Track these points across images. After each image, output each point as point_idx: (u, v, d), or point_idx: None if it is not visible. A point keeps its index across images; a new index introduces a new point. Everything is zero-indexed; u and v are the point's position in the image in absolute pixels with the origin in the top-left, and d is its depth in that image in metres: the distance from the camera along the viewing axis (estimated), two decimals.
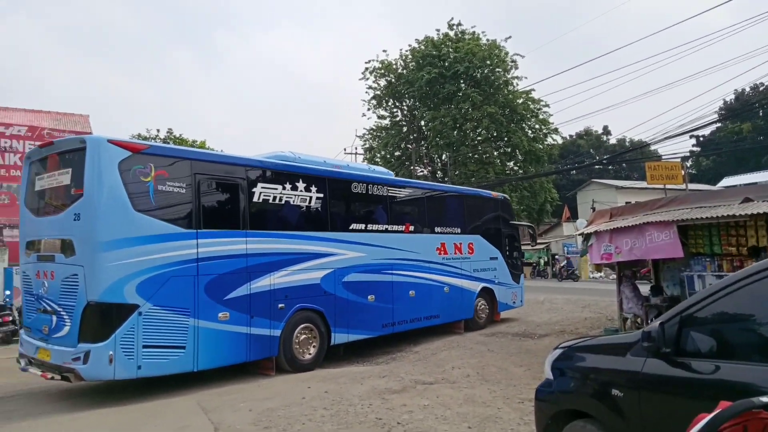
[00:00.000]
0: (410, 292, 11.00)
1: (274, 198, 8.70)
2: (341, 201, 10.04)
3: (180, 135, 23.38)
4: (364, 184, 10.37)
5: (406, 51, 38.88)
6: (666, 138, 26.99)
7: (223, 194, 8.23)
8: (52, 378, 7.12)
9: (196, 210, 7.64)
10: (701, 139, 50.13)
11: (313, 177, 9.34)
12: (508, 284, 13.96)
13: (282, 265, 8.65)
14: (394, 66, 39.44)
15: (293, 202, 8.99)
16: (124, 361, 6.74)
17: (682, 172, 25.67)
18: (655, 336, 2.84)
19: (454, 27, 38.09)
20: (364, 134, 41.90)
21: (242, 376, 8.74)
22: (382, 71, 39.57)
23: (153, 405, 7.02)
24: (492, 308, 13.47)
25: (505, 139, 36.45)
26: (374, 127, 41.73)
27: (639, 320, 9.92)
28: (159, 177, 7.25)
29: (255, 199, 8.41)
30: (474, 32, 37.71)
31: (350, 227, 9.95)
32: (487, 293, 13.22)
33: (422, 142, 39.14)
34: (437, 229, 11.99)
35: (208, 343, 7.58)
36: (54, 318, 7.13)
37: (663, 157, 32.03)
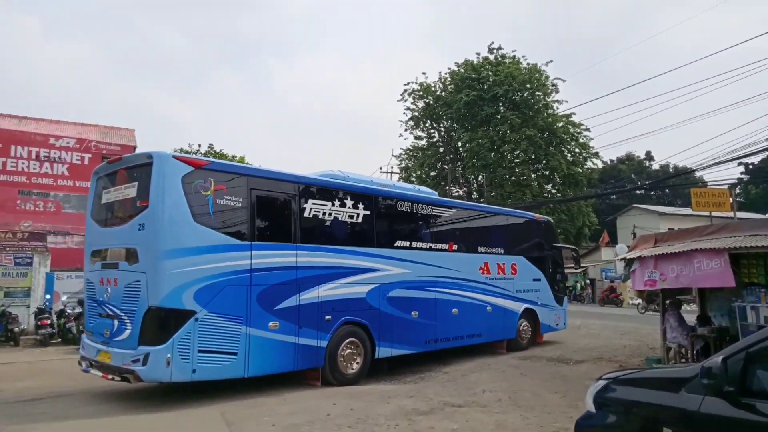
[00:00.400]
0: (453, 310, 11.10)
1: (324, 214, 9.01)
2: (387, 218, 10.35)
3: (221, 150, 23.87)
4: (410, 203, 10.65)
5: (445, 74, 38.92)
6: (714, 164, 25.99)
7: (276, 209, 8.56)
8: (113, 379, 7.42)
9: (250, 223, 7.97)
10: (750, 166, 48.18)
11: (361, 195, 9.66)
12: (551, 306, 13.93)
13: (330, 278, 8.90)
14: (433, 88, 39.50)
15: (341, 218, 9.28)
16: (180, 364, 6.99)
17: (731, 200, 24.55)
18: (717, 372, 2.54)
19: (495, 51, 37.94)
20: (400, 154, 41.86)
21: (268, 388, 8.62)
22: (421, 93, 39.68)
23: (175, 414, 6.96)
24: (535, 330, 13.45)
25: (544, 162, 35.82)
26: (411, 148, 41.69)
27: (684, 350, 9.38)
28: (218, 191, 7.63)
29: (306, 214, 8.73)
30: (514, 56, 37.47)
31: (395, 244, 10.18)
32: (530, 314, 13.22)
33: (458, 163, 38.85)
34: (480, 249, 12.15)
35: (258, 350, 7.83)
36: (116, 322, 7.49)
37: (709, 184, 30.84)
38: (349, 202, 9.36)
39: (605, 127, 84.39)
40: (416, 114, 40.39)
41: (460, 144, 38.42)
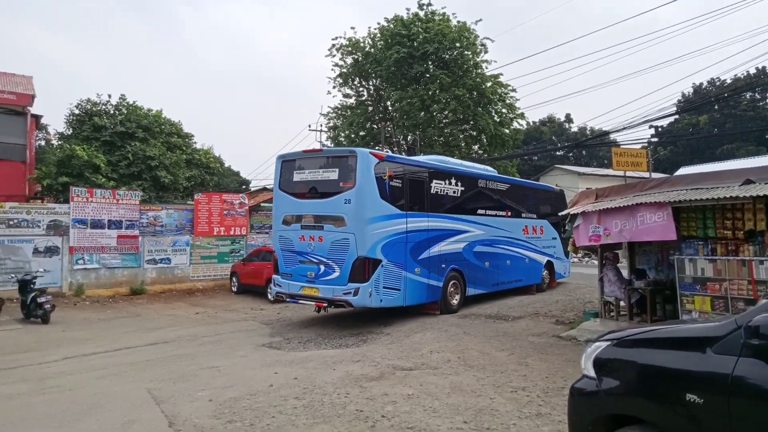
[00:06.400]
0: (507, 261, 14.29)
1: (440, 190, 12.02)
2: (471, 192, 13.22)
3: (134, 102, 21.80)
4: (484, 180, 13.91)
5: (375, 29, 37.59)
6: (628, 127, 27.23)
7: (417, 187, 11.36)
8: (326, 306, 10.69)
9: (405, 198, 10.86)
10: (659, 129, 51.19)
11: (457, 174, 12.72)
12: (561, 259, 17.41)
13: (444, 237, 11.88)
14: (362, 44, 38.17)
15: (448, 193, 12.29)
16: (375, 296, 10.00)
17: (647, 160, 25.80)
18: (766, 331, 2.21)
19: (425, 6, 37.06)
20: (328, 112, 40.49)
21: (200, 359, 7.92)
22: (350, 49, 38.19)
23: (95, 393, 6.14)
24: (551, 277, 16.70)
25: (471, 122, 35.91)
26: (339, 106, 40.40)
27: (622, 303, 9.58)
28: (390, 176, 10.49)
29: (431, 190, 11.73)
30: (444, 13, 36.82)
31: (477, 212, 13.21)
32: (549, 265, 16.52)
33: (388, 123, 38.24)
34: (522, 215, 15.31)
35: (410, 288, 10.81)
36: (321, 267, 10.35)
37: (622, 146, 32.36)
38: (453, 181, 12.40)
39: (527, 89, 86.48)
40: (345, 71, 39.01)
41: (389, 103, 37.70)
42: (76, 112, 20.90)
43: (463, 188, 12.70)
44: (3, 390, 6.50)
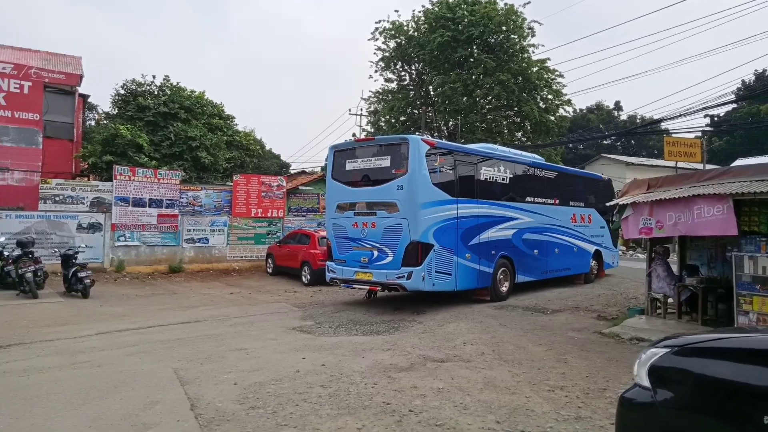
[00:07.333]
0: (556, 249, 14.22)
1: (489, 177, 12.05)
2: (520, 180, 13.16)
3: (177, 83, 22.02)
4: (532, 168, 13.88)
5: (419, 12, 36.89)
6: (682, 115, 25.83)
7: (467, 174, 11.40)
8: (381, 290, 11.18)
9: (456, 185, 10.93)
10: (715, 118, 48.60)
11: (506, 162, 12.73)
12: (610, 248, 17.16)
13: (493, 224, 11.90)
14: (406, 28, 37.50)
15: (497, 180, 12.33)
16: (428, 279, 10.10)
17: (701, 150, 24.48)
18: None
19: None
20: (369, 97, 40.15)
21: (230, 341, 7.85)
22: (393, 32, 37.61)
23: (122, 371, 6.12)
24: (599, 266, 16.56)
25: (516, 108, 34.88)
26: (380, 90, 39.97)
27: (670, 300, 9.00)
28: (441, 163, 10.63)
29: (480, 177, 11.76)
30: None
31: (525, 199, 13.16)
32: (597, 254, 16.36)
33: (429, 108, 37.59)
34: (570, 203, 15.17)
35: (461, 273, 10.91)
36: (375, 252, 10.55)
37: (673, 135, 30.81)
38: (502, 168, 12.44)
39: (576, 73, 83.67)
40: (387, 54, 38.48)
41: (431, 88, 37.02)
42: (122, 92, 21.29)
43: (511, 175, 12.72)
44: (37, 362, 6.59)
